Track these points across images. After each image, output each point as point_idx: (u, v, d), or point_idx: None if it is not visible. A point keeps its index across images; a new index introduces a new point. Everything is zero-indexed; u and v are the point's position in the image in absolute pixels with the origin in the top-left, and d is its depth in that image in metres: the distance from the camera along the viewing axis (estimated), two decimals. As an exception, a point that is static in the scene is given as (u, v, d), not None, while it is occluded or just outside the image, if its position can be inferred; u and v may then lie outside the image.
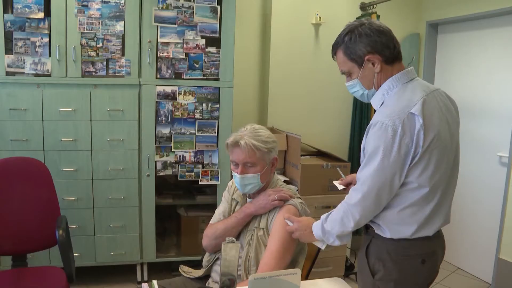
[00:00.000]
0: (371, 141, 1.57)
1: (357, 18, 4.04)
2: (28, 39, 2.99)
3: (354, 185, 1.83)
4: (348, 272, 3.73)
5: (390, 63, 1.66)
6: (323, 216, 1.75)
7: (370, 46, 1.62)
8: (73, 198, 3.18)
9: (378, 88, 1.68)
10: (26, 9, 2.95)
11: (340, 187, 2.03)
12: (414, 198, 1.60)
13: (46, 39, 3.01)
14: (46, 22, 2.99)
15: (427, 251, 1.66)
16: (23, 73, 3.02)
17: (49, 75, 3.05)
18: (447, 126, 1.63)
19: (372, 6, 4.04)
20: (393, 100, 1.61)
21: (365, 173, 1.59)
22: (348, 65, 1.69)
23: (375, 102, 1.70)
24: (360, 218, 1.62)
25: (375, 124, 1.56)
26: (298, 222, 1.83)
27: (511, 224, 3.45)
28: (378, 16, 3.97)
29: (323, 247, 1.82)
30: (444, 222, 1.69)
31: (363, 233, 1.80)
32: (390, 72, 1.66)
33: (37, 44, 3.00)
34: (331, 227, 1.69)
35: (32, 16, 2.96)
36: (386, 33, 1.65)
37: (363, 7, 4.12)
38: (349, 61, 1.68)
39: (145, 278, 3.46)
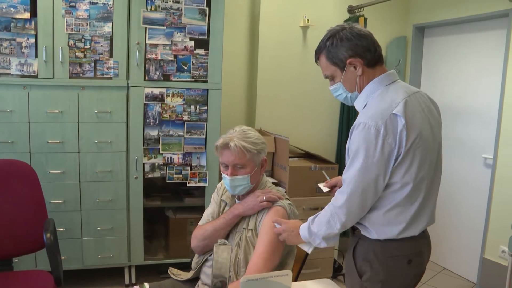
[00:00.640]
0: (354, 142, 1.59)
1: (344, 21, 4.07)
2: (14, 39, 2.96)
3: (340, 187, 1.86)
4: (336, 273, 3.74)
5: (372, 66, 1.69)
6: (310, 218, 1.77)
7: (352, 50, 1.66)
8: (61, 201, 3.16)
9: (360, 91, 1.71)
10: (12, 9, 2.92)
11: (325, 189, 2.04)
12: (398, 198, 1.62)
13: (33, 40, 2.99)
14: (33, 23, 2.97)
15: (413, 251, 1.68)
16: (8, 74, 2.98)
17: (36, 77, 3.02)
18: (429, 126, 1.65)
19: (359, 9, 4.07)
20: (375, 102, 1.64)
21: (349, 175, 1.61)
22: (331, 69, 1.73)
23: (358, 105, 1.73)
24: (346, 220, 1.63)
25: (358, 125, 1.58)
26: (285, 224, 1.84)
27: (496, 224, 3.50)
28: (365, 19, 4.00)
29: (309, 251, 1.83)
30: (429, 222, 1.71)
31: (350, 234, 1.81)
32: (372, 75, 1.69)
33: (23, 44, 2.97)
34: (318, 228, 1.70)
35: (17, 16, 2.93)
36: (367, 36, 1.68)
37: (350, 10, 4.15)
38: (331, 65, 1.72)
39: (133, 281, 3.44)
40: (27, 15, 2.94)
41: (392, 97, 1.62)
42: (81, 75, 3.11)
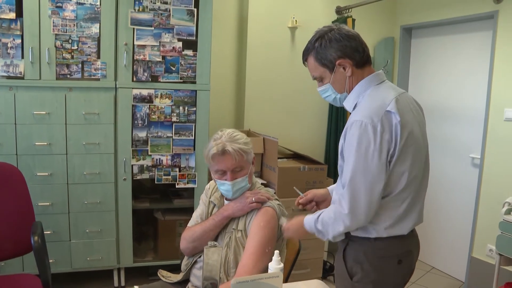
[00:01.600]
0: (351, 142, 1.57)
1: (332, 22, 4.09)
2: None
3: (317, 201, 1.85)
4: (326, 274, 3.75)
5: (361, 66, 1.70)
6: (313, 217, 1.72)
7: (341, 51, 1.66)
8: (48, 203, 3.12)
9: (349, 92, 1.71)
10: (-2, 10, 2.89)
11: (299, 208, 2.00)
12: (388, 196, 1.62)
13: (19, 41, 2.95)
14: (18, 23, 2.93)
15: (403, 251, 1.69)
16: (-6, 75, 2.95)
17: (22, 78, 2.98)
18: (418, 126, 1.67)
19: (347, 10, 4.09)
20: (367, 101, 1.64)
21: (350, 176, 1.57)
22: (320, 71, 1.73)
23: (348, 105, 1.73)
24: (351, 225, 1.60)
25: (354, 124, 1.57)
26: (288, 227, 1.85)
27: (483, 224, 3.53)
28: (353, 20, 4.02)
29: None
30: (418, 221, 1.72)
31: None
32: (361, 76, 1.70)
33: (9, 45, 2.94)
34: (324, 229, 1.67)
35: (2, 16, 2.89)
36: (355, 37, 1.69)
37: (338, 11, 4.16)
38: (320, 67, 1.72)
39: (122, 283, 3.42)
40: (12, 15, 2.91)
41: (383, 95, 1.63)
42: (68, 76, 3.08)
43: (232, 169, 1.93)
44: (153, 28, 3.18)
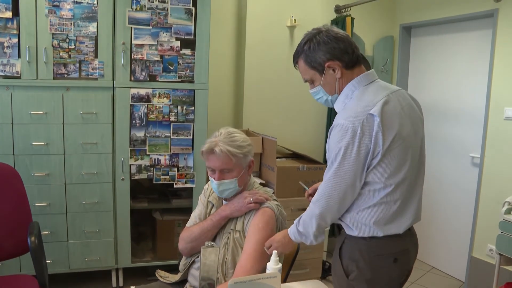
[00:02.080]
0: (332, 143, 1.62)
1: (331, 21, 4.08)
2: (-4, 39, 2.91)
3: None
4: (326, 274, 3.74)
5: (350, 68, 1.70)
6: (296, 221, 1.80)
7: (329, 53, 1.67)
8: (46, 204, 3.11)
9: (340, 93, 1.73)
10: (-6, 9, 2.87)
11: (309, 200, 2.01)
12: (378, 197, 1.63)
13: (15, 40, 2.93)
14: (15, 22, 2.91)
15: (399, 250, 1.69)
16: (-10, 74, 2.94)
17: (19, 77, 2.96)
18: (410, 125, 1.67)
19: (346, 9, 4.07)
20: (353, 103, 1.65)
21: (328, 174, 1.64)
22: (310, 73, 1.75)
23: (337, 106, 1.75)
24: (322, 212, 1.66)
25: (336, 126, 1.61)
26: (272, 239, 1.84)
27: (483, 223, 3.52)
28: (352, 19, 4.01)
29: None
30: (415, 220, 1.72)
31: (337, 234, 1.82)
32: (351, 77, 1.71)
33: (5, 44, 2.92)
34: (304, 228, 1.73)
35: (-1, 15, 2.88)
36: (344, 39, 1.69)
37: (337, 9, 4.15)
38: (310, 69, 1.74)
39: (121, 284, 3.40)
40: (8, 14, 2.89)
41: (370, 97, 1.63)
42: (65, 75, 3.06)
43: (219, 169, 1.92)
44: (151, 27, 3.16)
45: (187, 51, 3.27)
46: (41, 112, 3.02)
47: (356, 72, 1.71)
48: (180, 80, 3.30)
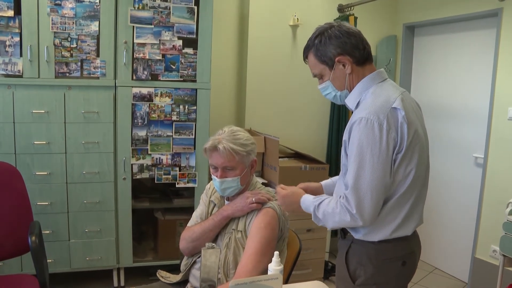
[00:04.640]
0: (356, 139, 1.53)
1: (334, 20, 4.05)
2: (-3, 38, 2.90)
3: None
4: (328, 274, 3.72)
5: (361, 64, 1.68)
6: (313, 202, 1.68)
7: (340, 48, 1.64)
8: (47, 203, 3.10)
9: (350, 89, 1.69)
10: (-5, 7, 2.86)
11: None
12: (395, 196, 1.59)
13: (17, 39, 2.93)
14: (17, 21, 2.91)
15: (406, 252, 1.66)
16: (-8, 73, 2.93)
17: (21, 76, 2.96)
18: (420, 125, 1.65)
19: (349, 8, 4.05)
20: (371, 98, 1.61)
21: (355, 175, 1.54)
22: (319, 68, 1.71)
23: (350, 102, 1.70)
24: (357, 224, 1.56)
25: (360, 121, 1.53)
26: (285, 194, 1.81)
27: (487, 224, 3.50)
28: (355, 18, 3.99)
29: None
30: (420, 221, 1.70)
31: (341, 238, 1.78)
32: (361, 73, 1.68)
33: (7, 43, 2.91)
34: (324, 220, 1.64)
35: (1, 14, 2.86)
36: (356, 34, 1.67)
37: (340, 9, 4.13)
38: (320, 64, 1.70)
39: (122, 283, 3.39)
40: (10, 13, 2.88)
41: (387, 93, 1.61)
42: (67, 74, 3.06)
43: (222, 166, 1.91)
44: (153, 26, 3.15)
45: (189, 50, 3.26)
46: (43, 111, 3.01)
47: (367, 69, 1.68)
48: (182, 79, 3.28)
